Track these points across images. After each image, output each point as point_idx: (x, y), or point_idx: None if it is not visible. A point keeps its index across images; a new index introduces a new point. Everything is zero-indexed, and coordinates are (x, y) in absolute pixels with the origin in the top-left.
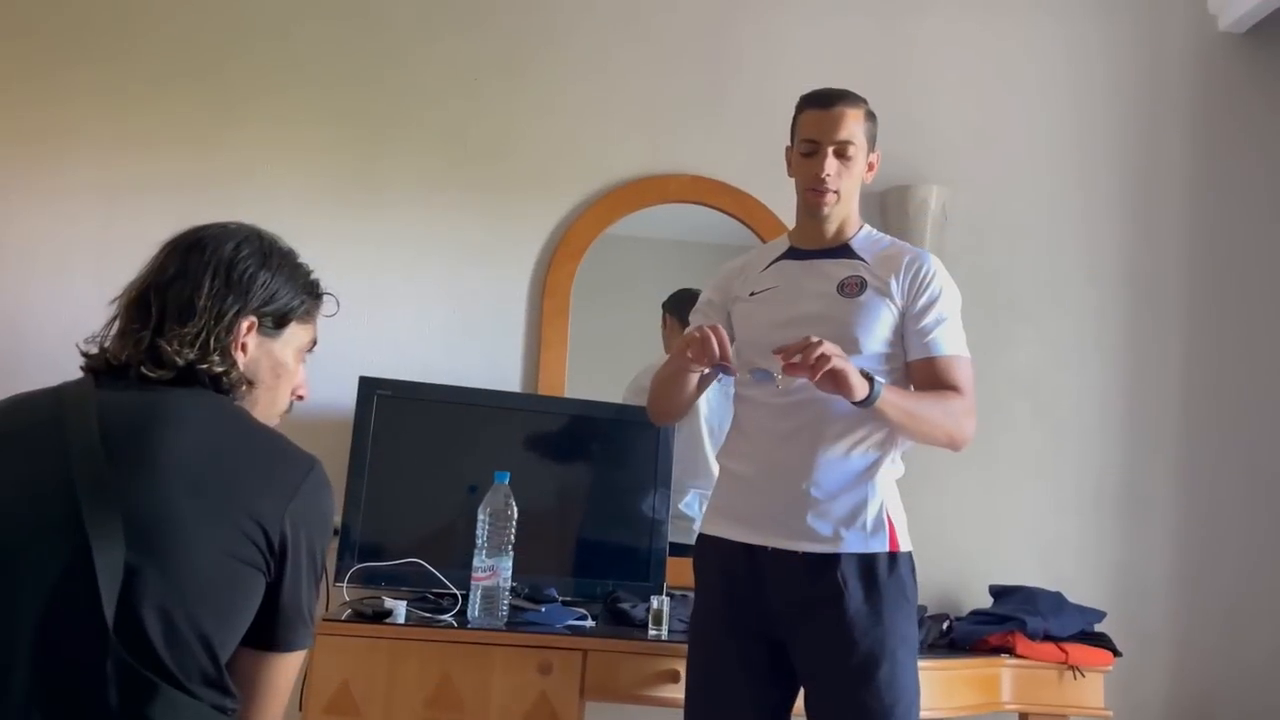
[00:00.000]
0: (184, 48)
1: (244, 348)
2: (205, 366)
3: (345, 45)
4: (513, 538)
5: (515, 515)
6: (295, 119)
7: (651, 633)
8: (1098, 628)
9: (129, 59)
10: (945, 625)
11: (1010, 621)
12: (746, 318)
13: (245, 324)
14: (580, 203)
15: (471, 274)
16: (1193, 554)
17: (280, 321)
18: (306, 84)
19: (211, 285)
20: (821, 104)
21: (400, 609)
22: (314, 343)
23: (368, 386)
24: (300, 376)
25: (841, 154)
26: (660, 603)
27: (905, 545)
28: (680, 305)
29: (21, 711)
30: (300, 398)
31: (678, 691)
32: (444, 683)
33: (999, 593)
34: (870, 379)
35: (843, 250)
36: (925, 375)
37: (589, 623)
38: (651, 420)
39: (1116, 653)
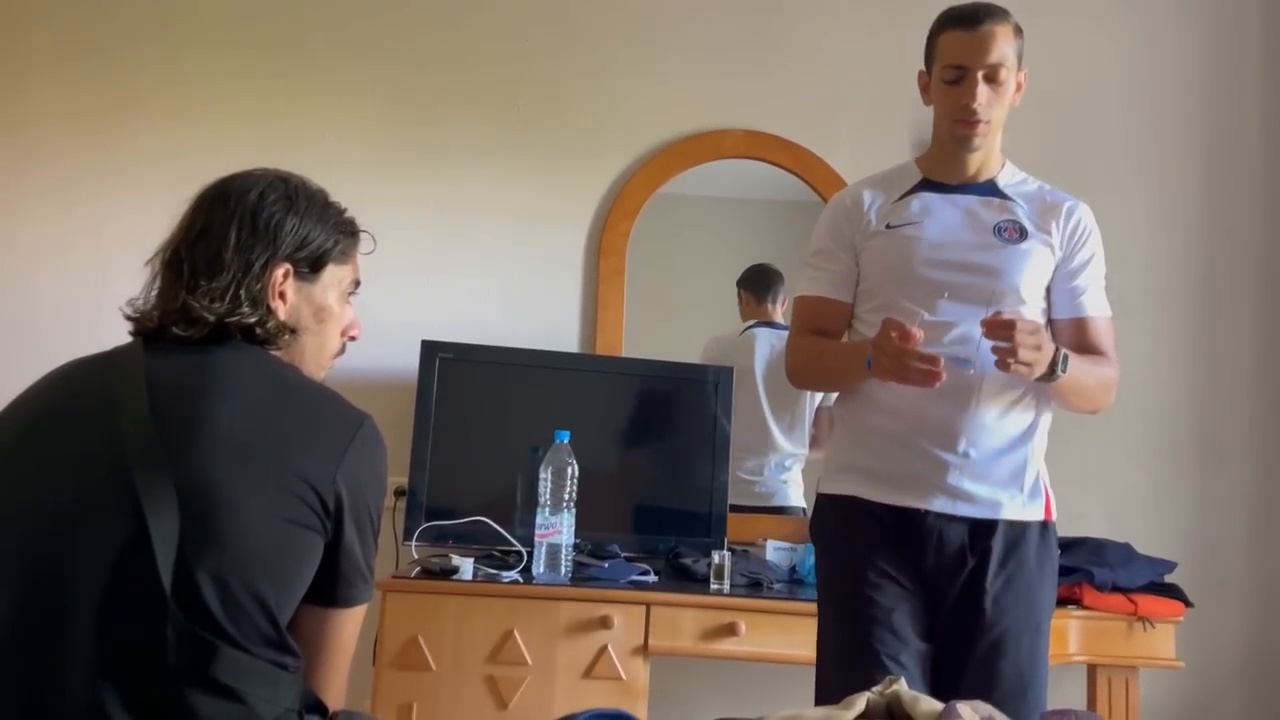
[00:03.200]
0: (239, 21)
1: (282, 295)
2: (236, 319)
3: (396, 10)
4: (575, 495)
5: (576, 474)
6: (350, 86)
7: (714, 587)
8: (1168, 579)
9: (186, 33)
10: None
11: (1077, 573)
12: (887, 252)
13: (280, 271)
14: (634, 161)
15: (528, 236)
16: (1268, 504)
17: (316, 265)
18: (360, 52)
19: (238, 236)
20: (967, 23)
21: (467, 566)
22: (357, 282)
23: (430, 350)
24: (349, 316)
25: (993, 79)
26: (722, 558)
27: (1054, 514)
28: (755, 281)
29: (87, 680)
30: (353, 338)
31: (739, 645)
32: (510, 637)
33: (1065, 544)
34: (1055, 356)
35: (988, 188)
36: (1073, 335)
37: (652, 578)
38: (796, 385)
39: (1188, 603)
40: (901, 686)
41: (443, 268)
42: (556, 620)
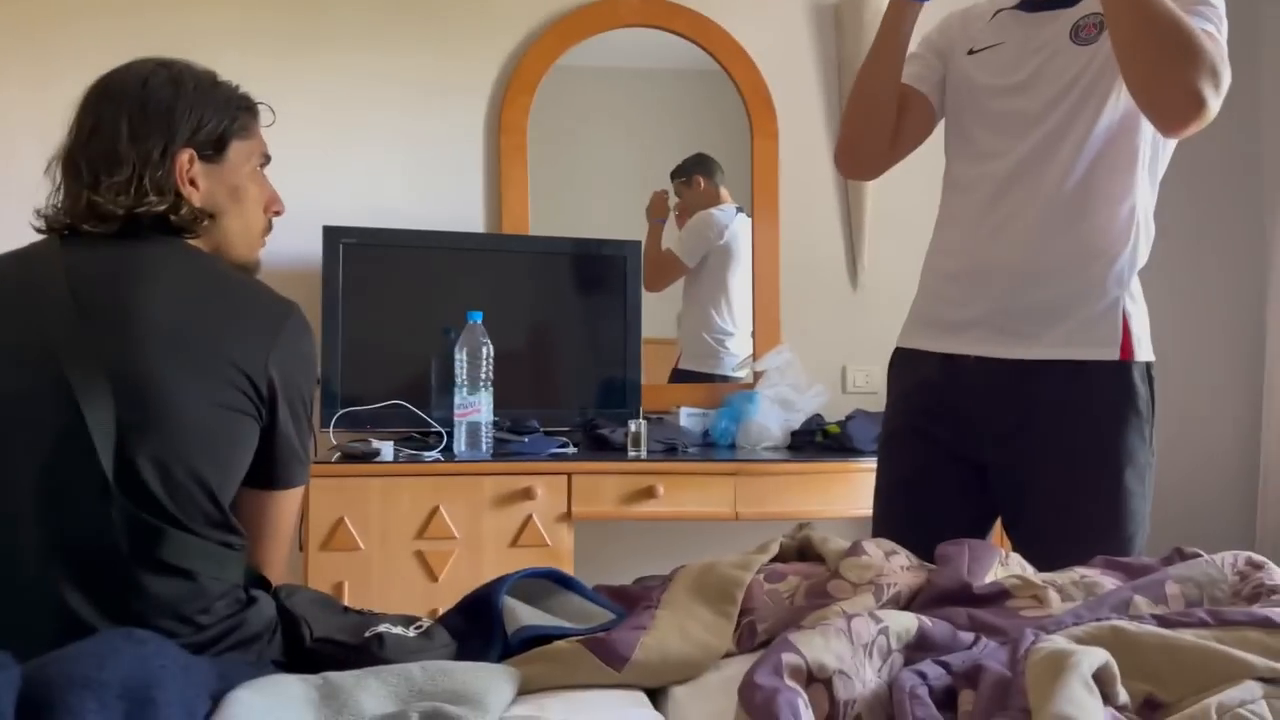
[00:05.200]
0: None
1: (193, 182)
2: (145, 209)
3: None
4: (491, 374)
5: (491, 353)
6: None
7: (631, 454)
8: None
9: None
10: None
11: None
12: (964, 80)
13: (184, 157)
14: (529, 33)
15: (425, 114)
16: None
17: (219, 145)
18: None
19: (130, 128)
20: None
21: (388, 448)
22: (267, 156)
23: (332, 236)
24: (268, 191)
25: None
26: (638, 426)
27: (1144, 354)
28: (709, 166)
29: (39, 564)
30: (277, 213)
31: (658, 506)
32: (436, 513)
33: None
34: None
35: None
36: None
37: (571, 449)
38: (847, 168)
39: None
40: (811, 530)
41: (339, 149)
42: (481, 494)
